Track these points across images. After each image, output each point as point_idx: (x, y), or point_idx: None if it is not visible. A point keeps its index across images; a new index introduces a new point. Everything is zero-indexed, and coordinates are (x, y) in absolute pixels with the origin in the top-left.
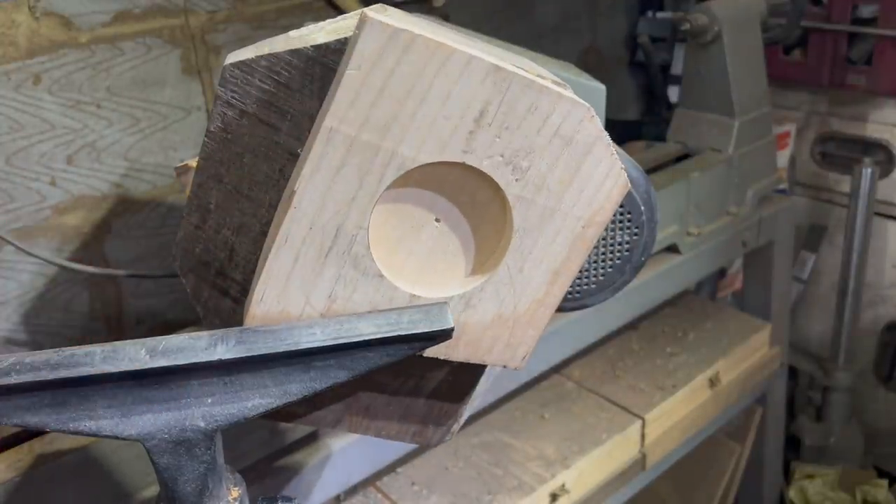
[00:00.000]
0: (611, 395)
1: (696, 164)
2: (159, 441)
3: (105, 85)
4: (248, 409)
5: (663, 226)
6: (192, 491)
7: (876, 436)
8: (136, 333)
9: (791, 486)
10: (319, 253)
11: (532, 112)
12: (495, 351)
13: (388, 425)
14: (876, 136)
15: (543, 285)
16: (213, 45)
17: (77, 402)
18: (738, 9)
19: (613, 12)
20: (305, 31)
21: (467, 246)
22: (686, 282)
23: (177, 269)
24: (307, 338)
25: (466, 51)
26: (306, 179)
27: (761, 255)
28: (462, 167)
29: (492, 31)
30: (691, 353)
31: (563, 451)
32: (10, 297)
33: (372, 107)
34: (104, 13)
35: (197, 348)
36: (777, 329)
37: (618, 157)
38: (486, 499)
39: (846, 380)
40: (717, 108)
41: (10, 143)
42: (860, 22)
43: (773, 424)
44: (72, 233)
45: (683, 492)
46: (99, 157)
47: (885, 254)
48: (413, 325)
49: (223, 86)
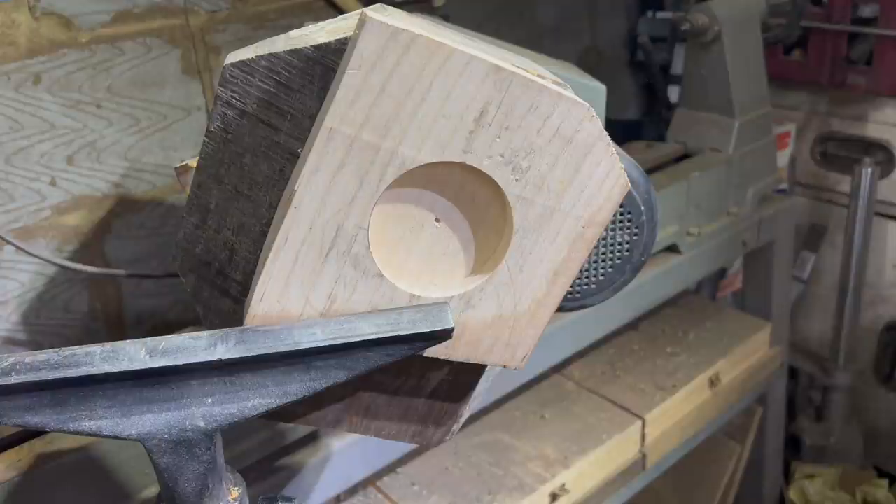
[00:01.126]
0: (611, 395)
1: (696, 164)
2: (159, 441)
3: (105, 85)
4: (248, 409)
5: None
6: (192, 491)
7: (876, 436)
8: (136, 333)
9: (791, 486)
10: (319, 253)
11: (532, 112)
12: (495, 351)
13: (388, 425)
14: (876, 136)
15: (543, 285)
16: (213, 45)
17: (77, 402)
18: (738, 9)
19: (613, 12)
20: (305, 31)
21: (467, 246)
22: (686, 282)
23: (177, 269)
24: (307, 338)
25: (466, 51)
26: (306, 179)
27: (761, 255)
28: (462, 167)
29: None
30: (691, 353)
31: (563, 451)
32: (10, 297)
33: (372, 107)
34: (104, 13)
35: (197, 348)
36: (777, 329)
37: (618, 157)
38: (486, 499)
39: (846, 380)
40: (717, 108)
41: (10, 143)
42: (860, 22)
43: (773, 424)
44: (72, 233)
45: (683, 492)
46: (99, 157)
47: (885, 254)
48: (413, 325)
49: (223, 86)
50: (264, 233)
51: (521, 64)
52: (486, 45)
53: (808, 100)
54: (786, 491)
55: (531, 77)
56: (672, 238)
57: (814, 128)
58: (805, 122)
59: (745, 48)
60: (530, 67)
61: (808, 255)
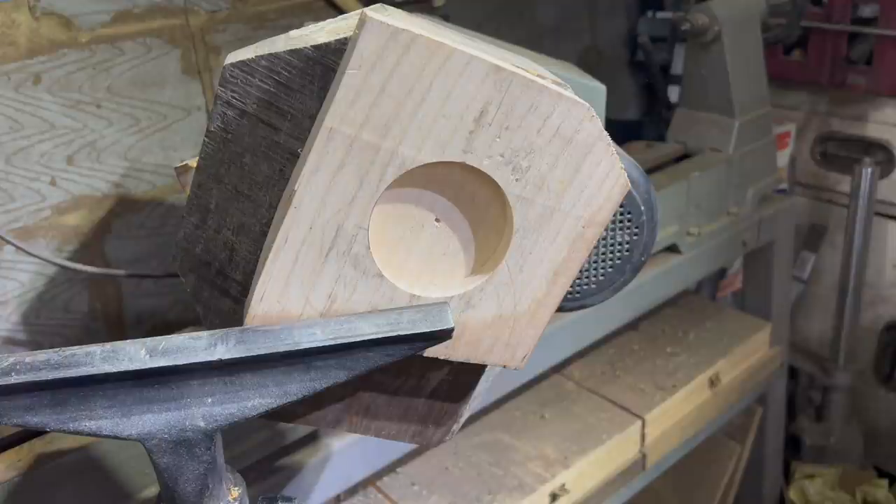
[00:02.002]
0: (611, 395)
1: (696, 164)
2: (159, 441)
3: (105, 85)
4: (248, 409)
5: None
6: (192, 491)
7: (876, 436)
8: (136, 333)
9: (791, 486)
10: (319, 253)
11: (532, 112)
12: (495, 351)
13: (388, 425)
14: (876, 136)
15: (543, 285)
16: (213, 45)
17: (77, 402)
18: (738, 9)
19: (613, 12)
20: (306, 31)
21: (467, 246)
22: (686, 282)
23: (177, 269)
24: (307, 338)
25: (466, 51)
26: (306, 179)
27: (761, 255)
28: (462, 167)
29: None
30: (691, 353)
31: (563, 451)
32: (10, 297)
33: (372, 107)
34: (104, 13)
35: (197, 348)
36: (777, 329)
37: (618, 157)
38: (486, 499)
39: (846, 380)
40: (717, 108)
41: (10, 143)
42: (860, 22)
43: (773, 424)
44: (72, 233)
45: (683, 492)
46: (99, 157)
47: (885, 254)
48: (413, 325)
49: (223, 86)
50: (264, 233)
51: (521, 64)
52: (486, 45)
53: (808, 100)
54: (786, 491)
55: (531, 77)
56: (672, 238)
57: (814, 128)
58: (805, 122)
59: (745, 48)
60: (530, 67)
61: (808, 255)
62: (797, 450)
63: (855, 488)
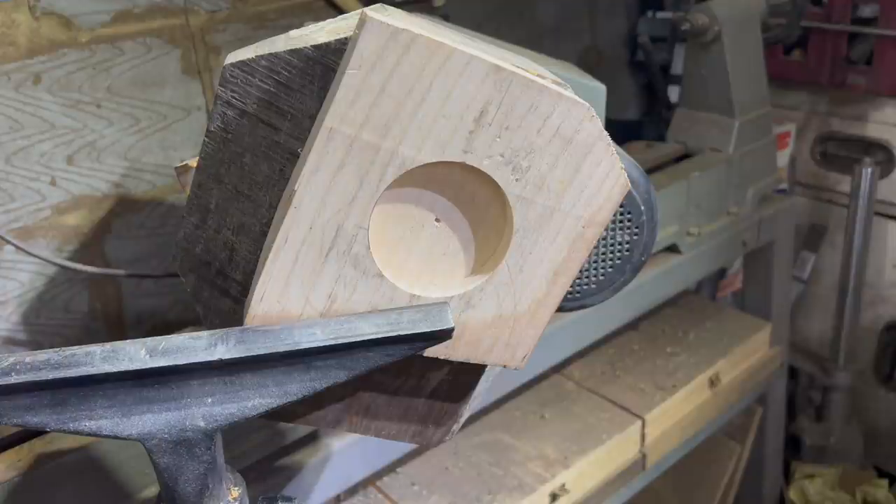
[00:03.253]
0: (611, 395)
1: (696, 164)
2: (159, 441)
3: (105, 85)
4: (248, 409)
5: (663, 226)
6: (192, 491)
7: (876, 436)
8: (136, 333)
9: (791, 486)
10: (319, 253)
11: (532, 112)
12: (495, 351)
13: (388, 425)
14: (876, 136)
15: (543, 285)
16: (213, 45)
17: (77, 402)
18: (738, 9)
19: (613, 12)
20: (305, 31)
21: (467, 246)
22: (686, 282)
23: (177, 269)
24: (307, 338)
25: (466, 50)
26: (306, 179)
27: (761, 255)
28: (462, 167)
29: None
30: (691, 353)
31: (563, 451)
32: (10, 297)
33: (372, 107)
34: (104, 13)
35: (197, 348)
36: (777, 329)
37: (618, 157)
38: (486, 499)
39: (846, 380)
40: (717, 108)
41: (10, 143)
42: (860, 22)
43: (773, 424)
44: (72, 233)
45: (683, 492)
46: (99, 157)
47: (885, 254)
48: (413, 325)
49: (223, 86)
50: (264, 233)
51: (521, 64)
52: (486, 45)
53: (808, 100)
54: (786, 491)
55: (531, 77)
56: (672, 238)
57: (814, 128)
58: (805, 122)
59: (745, 48)
60: (530, 67)
61: (808, 255)
62: (797, 450)
63: (855, 488)
